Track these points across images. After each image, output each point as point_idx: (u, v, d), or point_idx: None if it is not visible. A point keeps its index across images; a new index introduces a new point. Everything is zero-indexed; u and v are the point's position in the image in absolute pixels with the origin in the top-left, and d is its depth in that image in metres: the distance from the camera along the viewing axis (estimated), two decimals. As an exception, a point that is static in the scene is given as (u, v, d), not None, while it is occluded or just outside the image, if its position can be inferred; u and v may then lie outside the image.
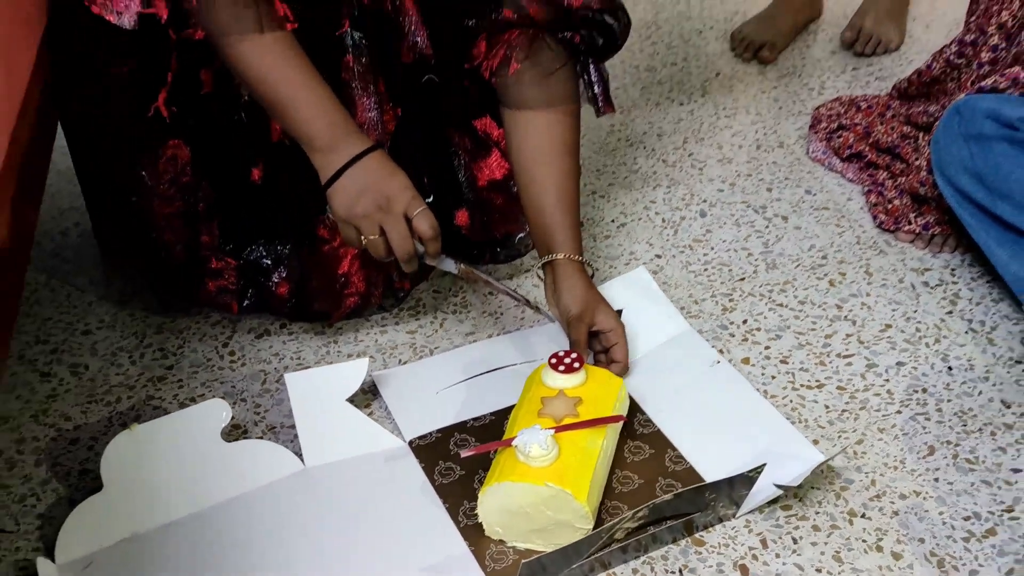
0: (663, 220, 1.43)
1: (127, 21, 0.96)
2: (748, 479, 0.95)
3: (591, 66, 1.20)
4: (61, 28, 1.02)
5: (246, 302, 1.17)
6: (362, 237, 1.02)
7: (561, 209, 1.14)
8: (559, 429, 0.97)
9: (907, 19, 1.90)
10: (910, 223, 1.38)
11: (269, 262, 1.14)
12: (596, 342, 1.14)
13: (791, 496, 1.01)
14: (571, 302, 1.12)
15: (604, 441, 0.99)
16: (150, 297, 1.28)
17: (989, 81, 1.29)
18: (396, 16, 1.09)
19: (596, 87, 1.20)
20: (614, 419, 1.01)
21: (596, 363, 1.15)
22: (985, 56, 1.36)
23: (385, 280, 1.19)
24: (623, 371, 1.13)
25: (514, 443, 0.95)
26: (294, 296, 1.15)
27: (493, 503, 0.95)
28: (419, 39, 1.10)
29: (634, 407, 1.10)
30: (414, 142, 1.14)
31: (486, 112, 1.21)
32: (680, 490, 0.95)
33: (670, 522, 0.95)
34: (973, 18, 1.42)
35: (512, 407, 1.06)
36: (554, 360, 1.04)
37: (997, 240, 1.25)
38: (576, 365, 1.03)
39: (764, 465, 0.95)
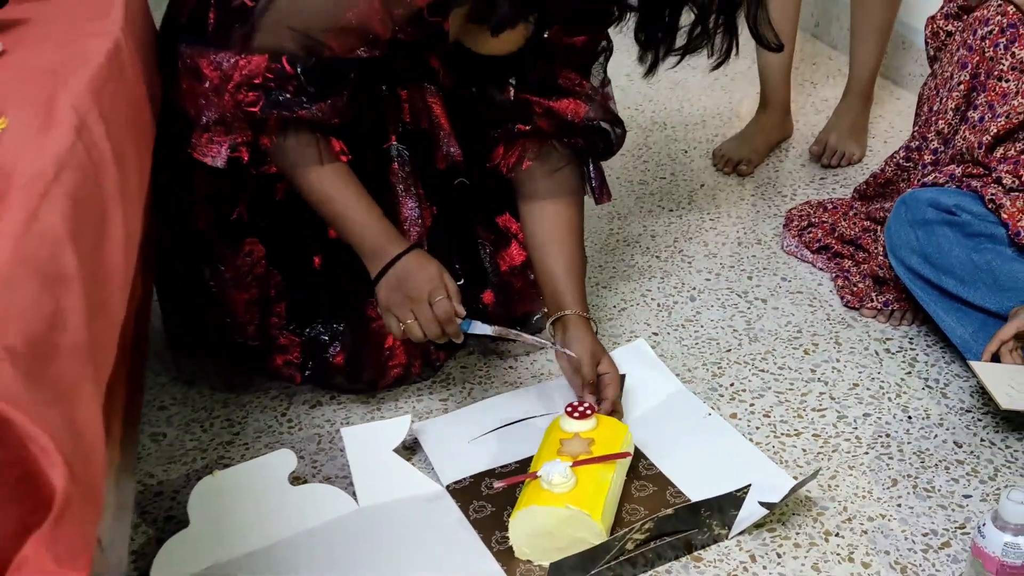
0: (658, 305, 1.64)
1: (219, 163, 1.19)
2: (736, 498, 1.13)
3: (591, 164, 1.44)
4: (158, 148, 1.25)
5: (307, 372, 1.37)
6: (400, 324, 1.22)
7: (569, 276, 1.35)
8: (576, 463, 1.15)
9: (867, 135, 2.16)
10: (872, 301, 1.58)
11: (327, 338, 1.35)
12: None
13: (775, 520, 1.19)
14: (581, 350, 1.31)
15: (614, 474, 1.17)
16: (215, 378, 1.48)
17: (931, 178, 1.52)
18: (432, 131, 1.32)
19: (594, 181, 1.44)
20: (622, 455, 1.19)
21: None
22: (928, 158, 1.59)
23: (423, 354, 1.39)
24: (611, 407, 1.29)
25: (539, 474, 1.13)
26: (348, 366, 1.35)
27: (522, 526, 1.13)
28: (451, 149, 1.33)
29: (638, 454, 1.28)
30: (448, 235, 1.36)
31: (506, 210, 1.44)
32: (680, 505, 1.13)
33: (669, 538, 1.13)
34: (916, 127, 1.66)
35: (533, 456, 1.24)
36: (570, 408, 1.23)
37: (945, 310, 1.45)
38: (588, 412, 1.22)
39: (749, 485, 1.13)
